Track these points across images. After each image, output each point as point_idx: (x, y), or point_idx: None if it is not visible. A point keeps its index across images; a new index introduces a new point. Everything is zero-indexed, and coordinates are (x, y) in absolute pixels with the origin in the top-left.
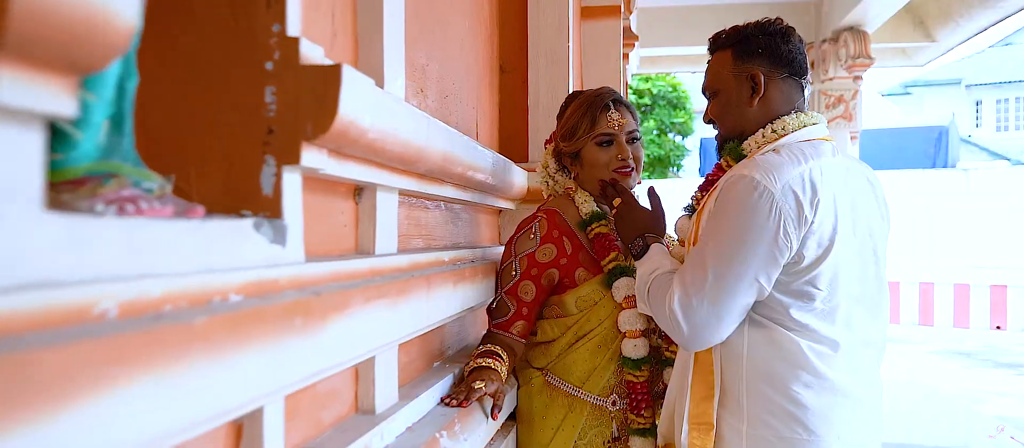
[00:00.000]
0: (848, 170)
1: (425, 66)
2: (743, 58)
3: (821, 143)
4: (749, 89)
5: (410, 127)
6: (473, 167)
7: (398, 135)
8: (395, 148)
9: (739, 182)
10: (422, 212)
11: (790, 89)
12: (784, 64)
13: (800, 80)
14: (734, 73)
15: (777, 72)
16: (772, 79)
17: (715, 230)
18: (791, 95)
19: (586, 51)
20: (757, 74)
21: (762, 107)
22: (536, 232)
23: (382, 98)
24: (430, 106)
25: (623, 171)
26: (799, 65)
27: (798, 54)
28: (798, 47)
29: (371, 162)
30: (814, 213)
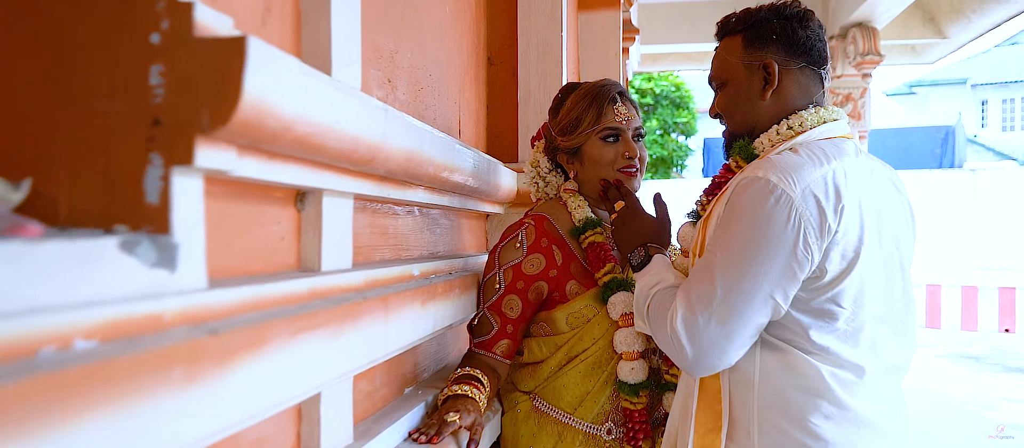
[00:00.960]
0: (872, 172)
1: (393, 54)
2: (755, 45)
3: (843, 142)
4: (761, 80)
5: (360, 121)
6: (450, 168)
7: (343, 129)
8: (340, 145)
9: (753, 185)
10: (390, 219)
11: (807, 80)
12: (801, 52)
13: (819, 70)
14: (745, 62)
15: (793, 61)
16: (787, 69)
17: (725, 239)
18: (808, 87)
19: (584, 44)
20: (770, 63)
21: (776, 100)
22: (522, 241)
23: (315, 84)
24: (400, 99)
25: (628, 170)
26: (818, 53)
27: (817, 41)
28: (817, 33)
29: (310, 162)
30: (838, 221)
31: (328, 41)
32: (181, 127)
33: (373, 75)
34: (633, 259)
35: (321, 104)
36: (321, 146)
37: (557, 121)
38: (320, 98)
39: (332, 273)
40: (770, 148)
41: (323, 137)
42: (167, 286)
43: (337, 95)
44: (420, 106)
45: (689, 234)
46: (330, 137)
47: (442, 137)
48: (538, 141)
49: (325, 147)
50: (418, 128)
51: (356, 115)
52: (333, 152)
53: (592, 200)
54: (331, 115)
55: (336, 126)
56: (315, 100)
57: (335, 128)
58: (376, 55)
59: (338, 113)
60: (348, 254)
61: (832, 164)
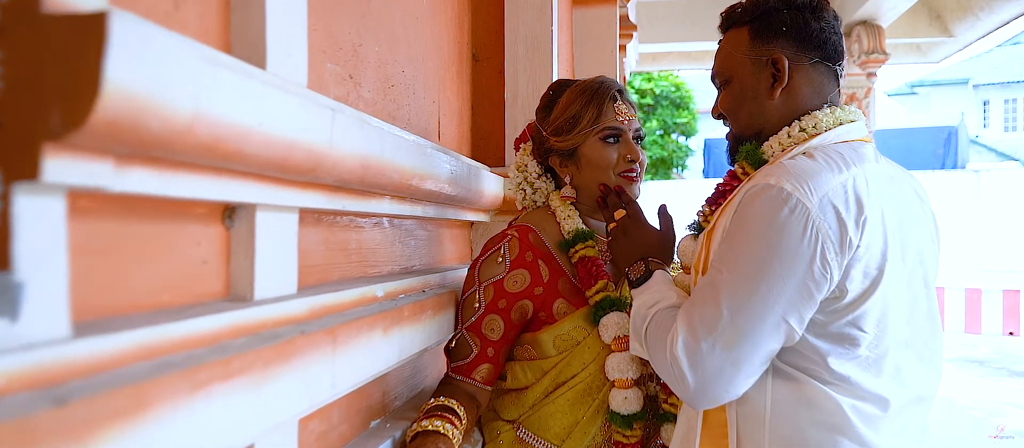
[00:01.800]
0: (893, 180)
1: (357, 46)
2: (763, 38)
3: (862, 145)
4: (769, 77)
5: (298, 122)
6: (421, 175)
7: (270, 133)
8: (269, 152)
9: (764, 193)
10: (352, 233)
11: (821, 77)
12: (814, 46)
13: (834, 66)
14: (751, 56)
15: (805, 56)
16: (799, 64)
17: (732, 255)
18: (822, 85)
19: (578, 40)
20: (780, 58)
21: (786, 99)
22: (505, 255)
23: (226, 75)
24: (365, 97)
25: (629, 175)
26: (833, 47)
27: (832, 33)
28: (832, 25)
29: (234, 172)
30: (860, 235)
31: (262, 29)
32: (24, 132)
33: (329, 70)
34: (632, 274)
35: (235, 101)
36: (240, 153)
37: (550, 120)
38: (233, 94)
39: (267, 302)
40: (781, 152)
41: (243, 142)
42: (6, 339)
43: (261, 91)
44: (391, 106)
45: (690, 248)
46: (253, 142)
47: (411, 140)
48: (524, 143)
49: (247, 154)
50: (379, 131)
51: (290, 116)
52: (259, 160)
53: (586, 208)
54: (252, 115)
55: (260, 129)
56: (225, 96)
57: (259, 131)
58: (334, 47)
59: (263, 113)
60: (291, 277)
61: (852, 170)
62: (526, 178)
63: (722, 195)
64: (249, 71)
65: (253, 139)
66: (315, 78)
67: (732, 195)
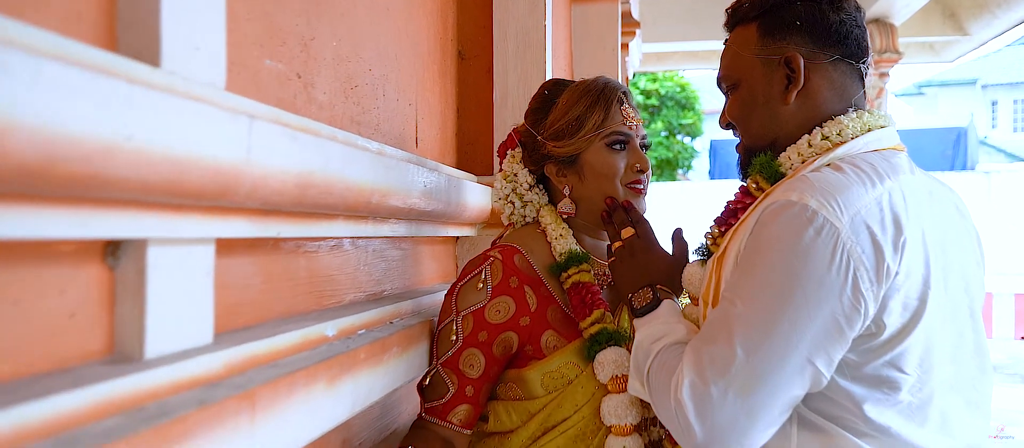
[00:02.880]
0: (932, 194)
1: (307, 40)
2: (774, 34)
3: (893, 154)
4: (783, 78)
5: (195, 135)
6: (385, 190)
7: (149, 150)
8: (157, 173)
9: (785, 211)
10: (301, 260)
11: (843, 77)
12: (833, 41)
13: (858, 64)
14: (761, 56)
15: (823, 53)
16: (816, 63)
17: (748, 284)
18: (845, 85)
19: (577, 38)
20: (794, 56)
21: (803, 104)
22: (486, 280)
23: (81, 77)
24: (319, 100)
25: (637, 186)
26: (855, 42)
27: (854, 26)
28: (854, 16)
29: (111, 201)
30: (899, 260)
31: (156, 17)
32: None
33: (268, 69)
34: (636, 302)
35: (96, 109)
36: (104, 177)
37: (548, 123)
38: (93, 99)
39: (162, 362)
40: (801, 164)
41: (108, 163)
42: None
43: (140, 96)
44: (353, 109)
45: (698, 276)
46: (119, 161)
47: (371, 151)
48: (511, 149)
49: (116, 178)
50: (323, 141)
51: (185, 126)
52: (133, 184)
53: (585, 225)
54: (121, 127)
55: (128, 144)
56: (80, 103)
57: (129, 147)
58: (275, 41)
59: (140, 124)
60: (204, 323)
61: (886, 184)
62: (515, 189)
63: (733, 214)
64: (129, 69)
65: (122, 158)
66: (246, 77)
67: (745, 214)
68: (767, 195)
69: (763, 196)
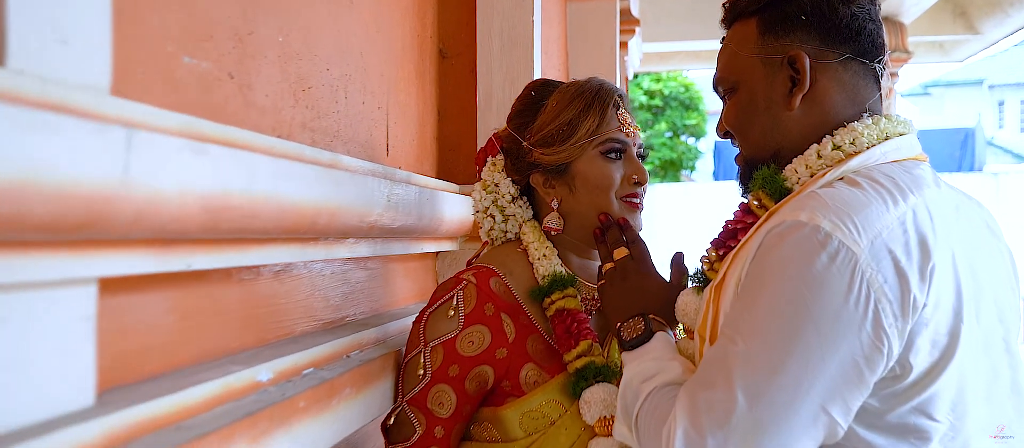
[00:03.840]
0: (959, 210)
1: (244, 35)
2: (775, 31)
3: (915, 166)
4: (786, 80)
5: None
6: (333, 209)
7: None
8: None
9: (793, 234)
10: (232, 290)
11: (855, 78)
12: (843, 37)
13: (872, 64)
14: (762, 56)
15: (832, 51)
16: (824, 63)
17: (751, 320)
18: (857, 87)
19: (573, 37)
20: (798, 55)
21: (809, 109)
22: (458, 306)
23: None
24: (259, 104)
25: (633, 200)
26: (869, 39)
27: (868, 21)
28: (867, 9)
29: None
30: (927, 290)
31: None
32: None
33: (188, 68)
34: (626, 332)
35: None
36: None
37: (536, 127)
38: None
39: (17, 438)
40: (810, 179)
41: None
42: None
43: None
44: (305, 114)
45: (693, 306)
46: None
47: (319, 165)
48: (492, 156)
49: None
50: (240, 158)
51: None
52: None
53: (574, 242)
54: None
55: None
56: None
57: None
58: (198, 35)
59: None
60: (83, 383)
61: (910, 201)
62: (495, 201)
63: (733, 236)
64: None
65: None
66: (150, 78)
67: (747, 236)
68: (771, 214)
69: (766, 215)
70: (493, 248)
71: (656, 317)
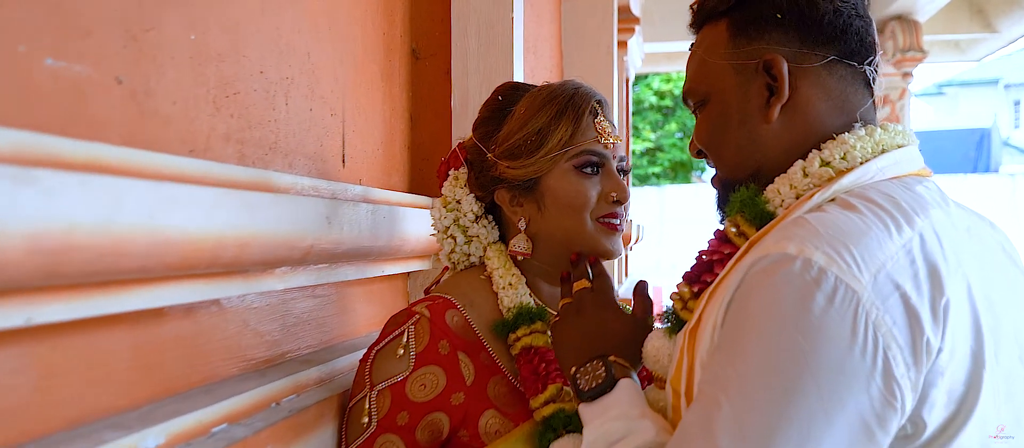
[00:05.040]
0: (971, 233)
1: (142, 31)
2: (748, 32)
3: (918, 182)
4: (763, 89)
5: None
6: (244, 239)
7: None
8: None
9: (781, 270)
10: (127, 335)
11: (842, 83)
12: (827, 37)
13: (861, 66)
14: (734, 61)
15: (813, 53)
16: (805, 67)
17: (737, 374)
18: (844, 94)
19: (568, 36)
20: (774, 59)
21: (790, 120)
22: (409, 344)
23: None
24: (163, 113)
25: (612, 220)
26: (856, 37)
27: (854, 17)
28: (853, 4)
29: None
30: (941, 331)
31: None
32: None
33: (50, 72)
34: (583, 380)
35: None
36: None
37: (501, 137)
38: None
39: None
40: (796, 201)
41: None
42: None
43: None
44: (233, 124)
45: (665, 351)
46: None
47: (229, 187)
48: (456, 168)
49: None
50: (91, 185)
51: None
52: None
53: (541, 270)
54: None
55: None
56: None
57: None
58: (67, 31)
59: None
60: None
61: (916, 225)
62: (457, 220)
63: (708, 269)
64: None
65: None
66: None
67: (725, 270)
68: (752, 244)
69: (747, 245)
70: (455, 274)
71: (618, 359)
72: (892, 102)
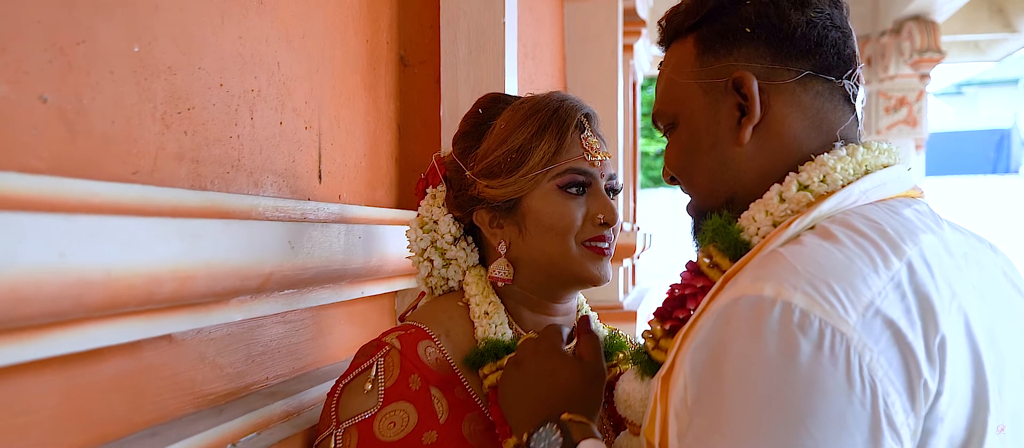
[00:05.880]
0: (968, 258)
1: (75, 45)
2: (716, 49)
3: (904, 205)
4: (734, 109)
5: None
6: (186, 271)
7: None
8: None
9: (757, 317)
10: (57, 379)
11: (818, 100)
12: (800, 51)
13: (839, 80)
14: (701, 80)
15: (786, 68)
16: (778, 83)
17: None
18: (823, 112)
19: (571, 40)
20: (743, 76)
21: (764, 142)
22: (377, 378)
23: None
24: (103, 133)
25: (599, 245)
26: (833, 50)
27: (830, 28)
28: (828, 14)
29: None
30: (938, 371)
31: None
32: None
33: None
34: (537, 445)
35: None
36: None
37: (479, 153)
38: None
39: None
40: (773, 229)
41: None
42: None
43: None
44: (187, 141)
45: (638, 396)
46: None
47: (148, 219)
48: (434, 186)
49: None
50: None
51: None
52: None
53: (524, 297)
54: None
55: None
56: None
57: None
58: None
59: None
60: None
61: (904, 254)
62: (434, 243)
63: (681, 305)
64: None
65: None
66: None
67: (698, 308)
68: (728, 279)
69: (722, 280)
70: (432, 300)
71: (573, 416)
72: (909, 104)
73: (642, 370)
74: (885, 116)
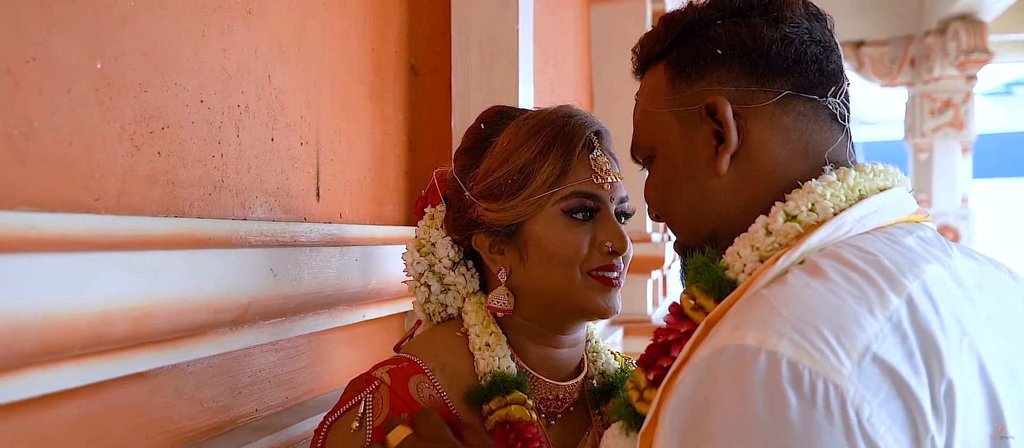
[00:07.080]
0: (982, 288)
1: (26, 63)
2: (687, 75)
3: (906, 232)
4: (710, 137)
5: None
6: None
7: None
8: None
9: (743, 372)
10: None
11: (801, 122)
12: (777, 69)
13: (823, 99)
14: (675, 109)
15: (762, 90)
16: (754, 107)
17: None
18: (807, 134)
19: (597, 45)
20: (716, 102)
21: (745, 171)
22: (365, 416)
23: None
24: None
25: (609, 274)
26: (814, 66)
27: (808, 43)
28: (806, 28)
29: None
30: (946, 424)
31: None
32: None
33: None
34: None
35: None
36: None
37: (479, 173)
38: None
39: None
40: (759, 266)
41: None
42: None
43: None
44: (161, 163)
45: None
46: None
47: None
48: (433, 205)
49: None
50: None
51: None
52: None
53: (526, 328)
54: None
55: None
56: None
57: None
58: None
59: None
60: None
61: (904, 289)
62: (431, 267)
63: (664, 352)
64: None
65: None
66: None
67: (680, 358)
68: (711, 324)
69: (704, 324)
70: (429, 329)
71: None
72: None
73: (626, 425)
74: (930, 119)
